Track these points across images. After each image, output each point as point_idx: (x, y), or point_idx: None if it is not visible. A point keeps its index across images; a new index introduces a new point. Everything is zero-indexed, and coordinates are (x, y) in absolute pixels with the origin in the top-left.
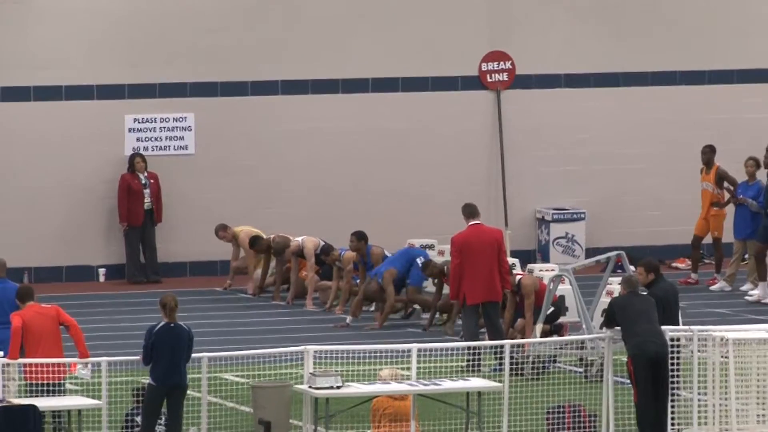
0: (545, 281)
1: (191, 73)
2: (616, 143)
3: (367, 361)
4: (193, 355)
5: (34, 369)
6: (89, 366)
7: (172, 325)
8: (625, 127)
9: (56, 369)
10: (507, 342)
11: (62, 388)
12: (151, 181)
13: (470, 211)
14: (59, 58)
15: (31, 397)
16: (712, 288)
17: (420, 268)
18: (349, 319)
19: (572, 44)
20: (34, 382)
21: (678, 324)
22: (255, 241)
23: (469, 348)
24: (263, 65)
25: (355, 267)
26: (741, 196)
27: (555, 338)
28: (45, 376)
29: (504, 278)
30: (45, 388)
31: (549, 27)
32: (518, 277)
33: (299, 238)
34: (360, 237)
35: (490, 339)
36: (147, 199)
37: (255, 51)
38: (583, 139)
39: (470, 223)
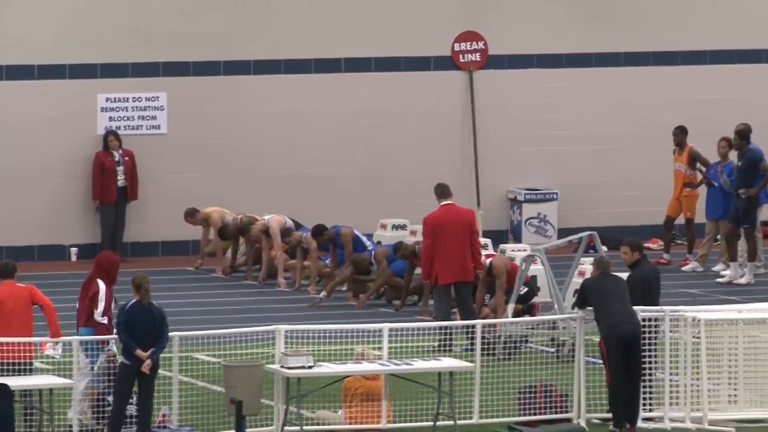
0: (517, 261)
1: (164, 52)
2: (588, 124)
3: (338, 340)
4: None
5: (2, 348)
6: (59, 345)
7: (143, 303)
8: (598, 108)
9: (26, 349)
10: (478, 322)
11: (32, 367)
12: (126, 158)
13: (442, 191)
14: (31, 37)
15: (0, 376)
16: (684, 268)
17: (392, 249)
18: (322, 294)
19: (545, 24)
20: (3, 361)
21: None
22: (223, 231)
23: (440, 328)
24: (236, 45)
25: (325, 248)
26: (723, 177)
27: (527, 318)
28: (14, 355)
29: (476, 259)
30: (14, 368)
31: (521, 7)
32: (489, 259)
33: (266, 217)
34: (315, 233)
35: (462, 319)
36: (120, 177)
37: (228, 30)
38: (556, 119)
39: (442, 203)
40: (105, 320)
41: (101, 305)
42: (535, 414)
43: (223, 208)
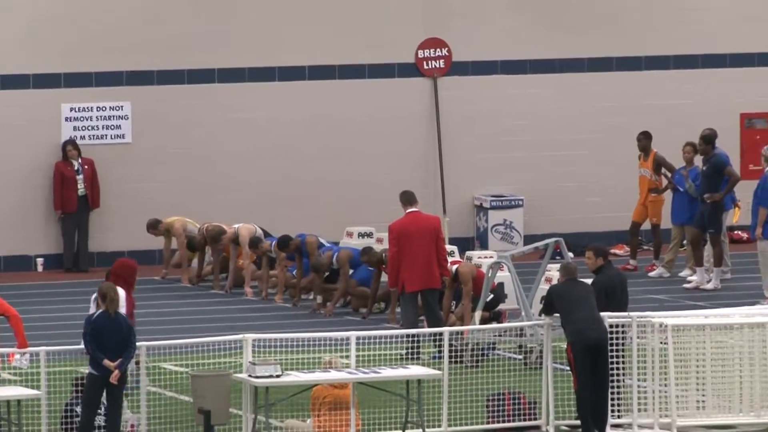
0: (484, 268)
1: (127, 61)
2: (553, 130)
3: (306, 349)
4: None
5: None
6: (27, 355)
7: (110, 314)
8: (563, 114)
9: None
10: (446, 329)
11: None
12: (85, 167)
13: (407, 198)
14: None
15: None
16: (650, 274)
17: (359, 254)
18: (318, 300)
19: (508, 31)
20: None
21: (623, 311)
22: (191, 242)
23: (408, 336)
24: (200, 53)
25: (291, 257)
26: (688, 182)
27: (494, 325)
28: None
29: (442, 266)
30: None
31: (485, 14)
32: (455, 265)
33: (235, 226)
34: (280, 246)
35: (430, 327)
36: (80, 186)
37: (191, 39)
38: (521, 125)
39: (408, 211)
40: None
41: (122, 312)
42: (504, 421)
43: (186, 217)
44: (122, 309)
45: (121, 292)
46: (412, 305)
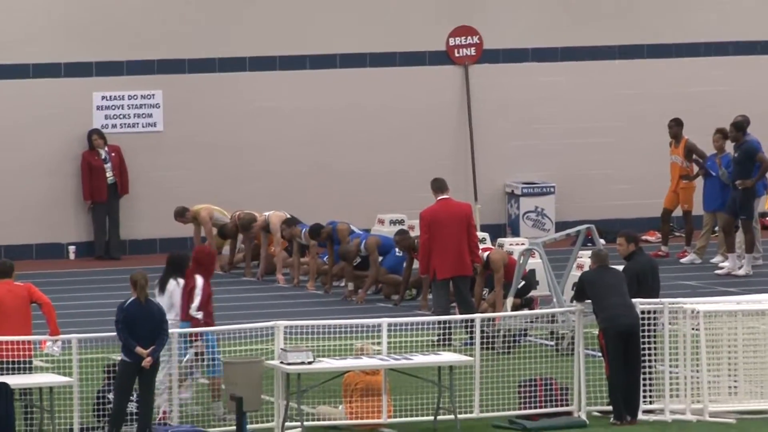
0: (515, 255)
1: (159, 50)
2: (584, 117)
3: (338, 336)
4: None
5: (2, 347)
6: (59, 342)
7: (142, 301)
8: (593, 101)
9: (24, 347)
10: (477, 316)
11: (30, 366)
12: (112, 154)
13: (439, 185)
14: (26, 35)
15: None
16: (682, 261)
17: (392, 238)
18: (350, 287)
19: (539, 18)
20: (1, 360)
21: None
22: (222, 230)
23: (439, 322)
24: (231, 42)
25: (323, 245)
26: (721, 169)
27: (526, 312)
28: (12, 354)
29: (474, 253)
30: (12, 366)
31: (516, 1)
32: (486, 252)
33: (266, 213)
34: (312, 234)
35: (461, 314)
36: (109, 174)
37: (223, 27)
38: (552, 113)
39: (439, 198)
40: (200, 315)
41: (197, 300)
42: (535, 407)
43: (215, 205)
44: (197, 298)
45: (199, 280)
46: (444, 292)
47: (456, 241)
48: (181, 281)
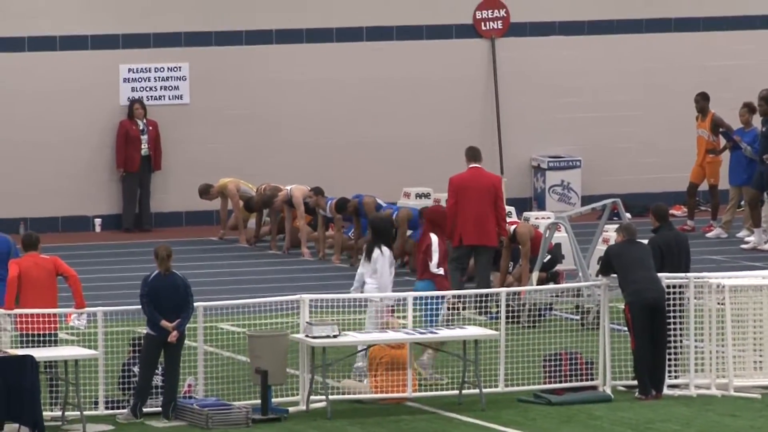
0: (541, 229)
1: (186, 22)
2: (610, 90)
3: (363, 309)
4: None
5: (26, 320)
6: (84, 315)
7: (166, 274)
8: (620, 75)
9: (49, 320)
10: (503, 290)
11: (55, 338)
12: (150, 128)
13: (473, 153)
14: (53, 8)
15: (24, 347)
16: (708, 235)
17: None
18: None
19: None
20: (26, 332)
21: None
22: (249, 203)
23: (456, 297)
24: (258, 14)
25: (349, 219)
26: (737, 137)
27: (551, 286)
28: (38, 326)
29: (500, 225)
30: (38, 339)
31: None
32: (513, 226)
33: (288, 187)
34: (338, 208)
35: (477, 286)
36: (144, 146)
37: (250, 0)
38: (578, 86)
39: (470, 166)
40: (441, 271)
41: (435, 257)
42: (560, 381)
43: (242, 178)
44: (435, 254)
45: (434, 237)
46: (461, 267)
47: (481, 210)
48: (386, 250)
